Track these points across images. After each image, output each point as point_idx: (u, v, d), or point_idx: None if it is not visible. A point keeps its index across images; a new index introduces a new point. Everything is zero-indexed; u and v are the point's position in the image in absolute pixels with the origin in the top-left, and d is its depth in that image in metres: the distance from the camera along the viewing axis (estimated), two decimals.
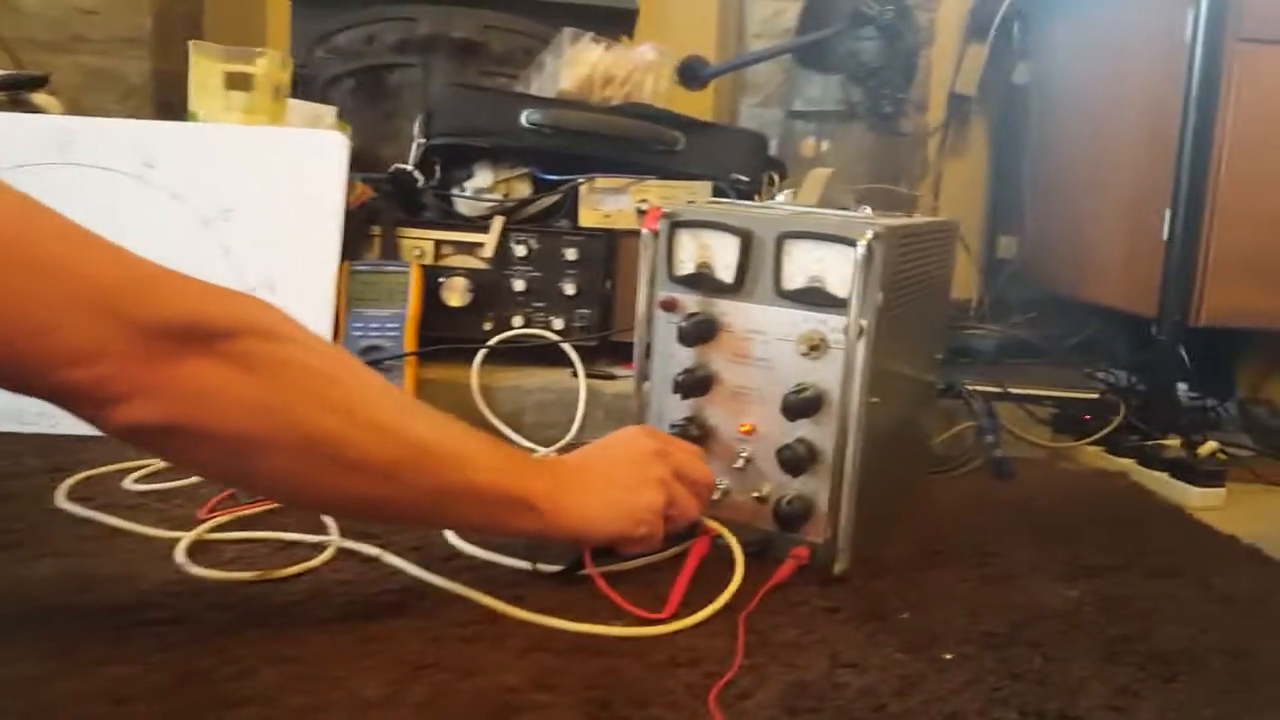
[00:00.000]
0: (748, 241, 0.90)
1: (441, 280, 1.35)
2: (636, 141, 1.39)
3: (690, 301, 0.94)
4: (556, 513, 0.79)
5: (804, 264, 0.88)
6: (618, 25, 1.57)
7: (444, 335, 1.32)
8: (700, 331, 0.92)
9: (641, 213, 1.32)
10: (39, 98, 1.43)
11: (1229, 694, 0.74)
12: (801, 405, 0.87)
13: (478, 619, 0.77)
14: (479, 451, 0.77)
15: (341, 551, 0.88)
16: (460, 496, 0.75)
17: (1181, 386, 1.50)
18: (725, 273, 0.91)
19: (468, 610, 0.79)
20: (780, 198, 0.92)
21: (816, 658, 0.75)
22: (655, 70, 1.44)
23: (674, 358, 0.95)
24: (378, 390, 0.75)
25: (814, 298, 0.87)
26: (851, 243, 0.84)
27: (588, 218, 1.39)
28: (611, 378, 1.31)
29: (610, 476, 0.84)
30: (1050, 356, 1.54)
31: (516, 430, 1.28)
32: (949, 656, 0.77)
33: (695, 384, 0.92)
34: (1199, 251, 1.34)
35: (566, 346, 1.32)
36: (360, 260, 1.32)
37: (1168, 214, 1.35)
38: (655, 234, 0.92)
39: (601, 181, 1.38)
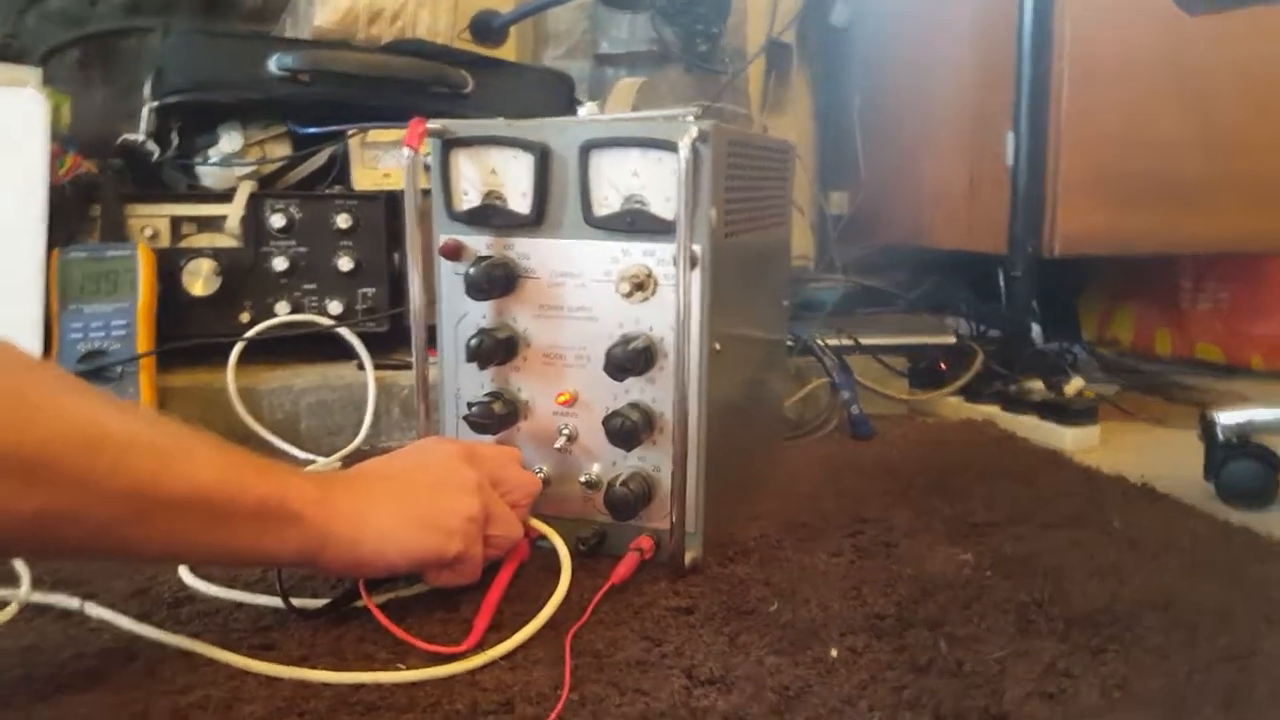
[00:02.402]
0: (545, 159, 0.70)
1: (183, 265, 1.09)
2: (415, 84, 1.17)
3: (479, 243, 0.74)
4: (331, 526, 0.58)
5: (618, 181, 0.69)
6: None
7: (190, 331, 1.07)
8: (495, 280, 0.72)
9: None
10: None
11: (1170, 658, 0.60)
12: (629, 360, 0.69)
13: (208, 680, 0.56)
14: (207, 449, 0.55)
15: (30, 608, 0.64)
16: (181, 505, 0.52)
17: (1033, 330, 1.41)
18: (520, 202, 0.72)
19: (194, 670, 0.57)
20: (583, 111, 0.74)
21: (669, 677, 0.57)
22: (433, 4, 1.23)
23: (465, 317, 0.74)
24: (63, 382, 0.52)
25: (634, 223, 0.69)
26: (672, 147, 0.66)
27: (364, 178, 1.16)
28: (406, 366, 1.08)
29: (408, 482, 0.64)
30: (899, 304, 1.42)
31: (292, 441, 1.04)
32: (835, 654, 0.60)
33: (495, 348, 0.72)
34: (1047, 173, 1.23)
35: (345, 333, 1.08)
36: (75, 245, 1.06)
37: (1010, 138, 1.24)
38: (420, 156, 0.71)
39: (376, 134, 1.15)
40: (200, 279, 1.10)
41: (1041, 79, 1.21)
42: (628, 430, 0.70)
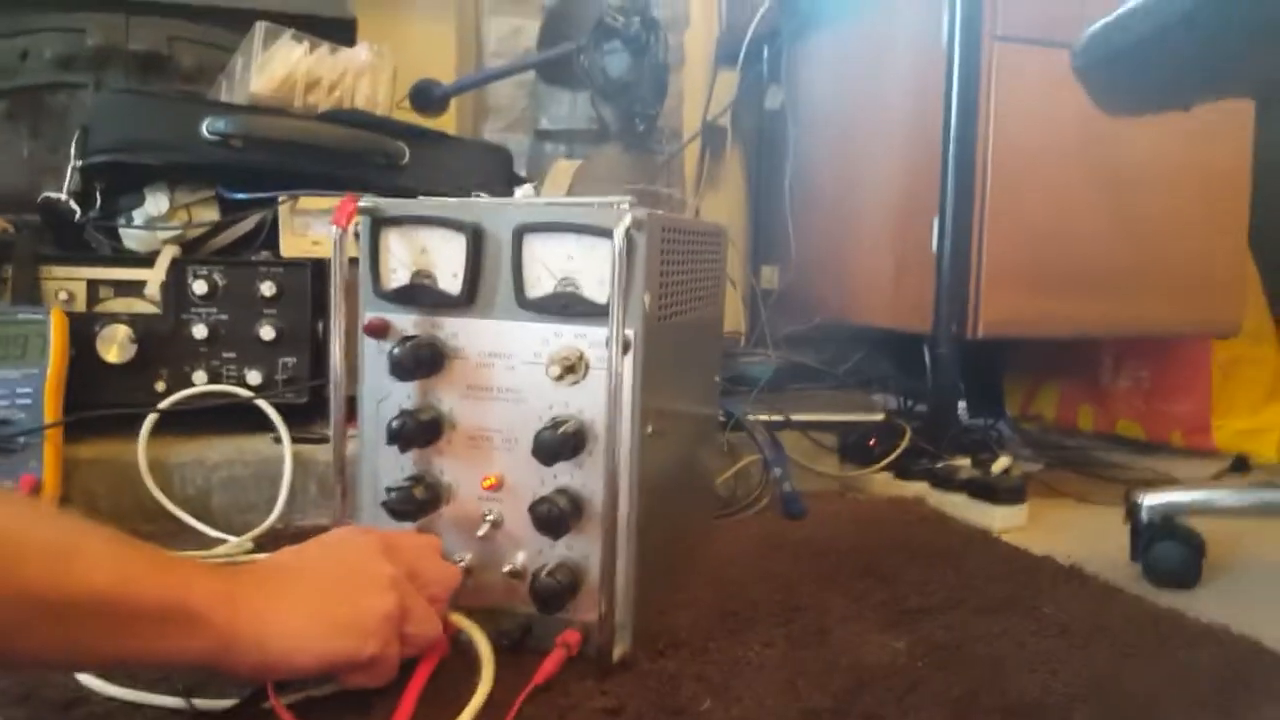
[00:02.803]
0: (478, 239, 0.69)
1: (97, 330, 1.05)
2: (350, 155, 1.15)
3: (405, 322, 0.72)
4: (237, 627, 0.54)
5: (551, 264, 0.68)
6: (333, 38, 1.33)
7: (102, 400, 1.03)
8: (421, 360, 0.70)
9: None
10: None
11: None
12: (559, 444, 0.67)
13: None
14: (103, 546, 0.51)
15: None
16: (76, 610, 0.48)
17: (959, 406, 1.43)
18: (450, 282, 0.70)
19: None
20: (520, 192, 0.73)
21: None
22: (372, 74, 1.22)
23: (388, 398, 0.72)
24: None
25: (566, 306, 0.68)
26: (607, 233, 0.65)
27: (293, 246, 1.14)
28: (325, 440, 1.05)
29: (322, 578, 0.60)
30: (830, 380, 1.42)
31: (201, 518, 1.00)
32: None
33: (418, 430, 0.70)
34: (971, 260, 1.26)
35: (264, 405, 1.04)
36: None
37: (936, 224, 1.27)
38: (347, 233, 0.69)
39: (307, 201, 1.13)
40: (115, 345, 1.05)
41: (966, 169, 1.25)
42: (555, 518, 0.67)
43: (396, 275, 0.71)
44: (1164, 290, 1.36)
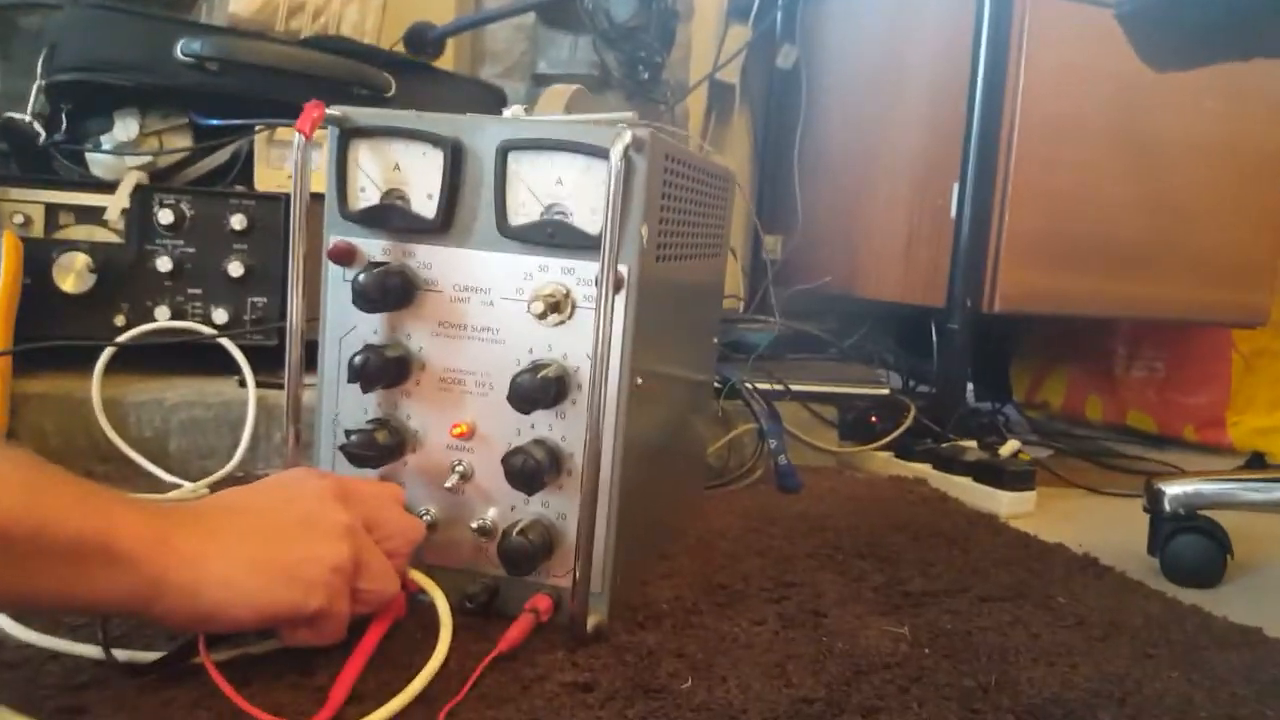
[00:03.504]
0: (457, 156, 0.62)
1: (54, 257, 0.98)
2: (332, 83, 1.08)
3: (374, 248, 0.65)
4: (167, 571, 0.47)
5: (538, 188, 0.61)
6: None
7: (55, 333, 0.95)
8: (389, 290, 0.63)
9: None
10: None
11: None
12: (538, 390, 0.60)
13: None
14: (9, 468, 0.45)
15: None
16: None
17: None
18: (425, 204, 0.63)
19: None
20: (508, 113, 0.66)
21: None
22: (361, 2, 1.14)
23: (352, 331, 0.65)
24: None
25: (553, 235, 0.61)
26: (603, 153, 0.58)
27: (267, 179, 1.06)
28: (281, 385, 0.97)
29: (266, 522, 0.53)
30: (833, 351, 1.35)
31: (158, 461, 0.93)
32: None
33: (383, 368, 0.63)
34: (991, 231, 1.19)
35: (228, 344, 0.97)
36: None
37: (955, 190, 1.20)
38: (312, 144, 0.62)
39: (285, 132, 1.06)
40: (72, 274, 0.98)
41: (991, 133, 1.17)
42: (530, 471, 0.61)
43: (365, 194, 0.64)
44: (1190, 272, 1.29)
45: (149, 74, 1.05)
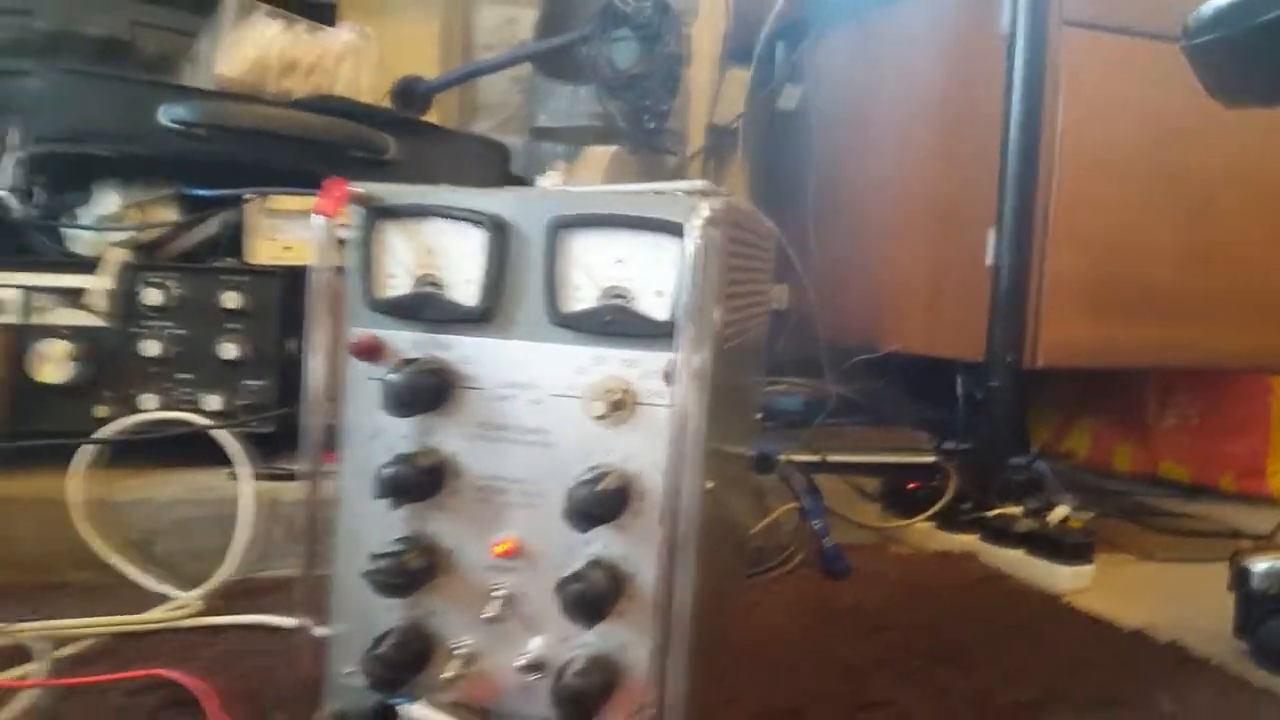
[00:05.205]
0: (501, 236, 0.54)
1: (32, 345, 0.89)
2: (329, 148, 1.00)
3: (404, 340, 0.56)
4: None
5: (595, 269, 0.53)
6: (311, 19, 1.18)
7: (32, 428, 0.86)
8: (423, 391, 0.54)
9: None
10: None
11: None
12: (599, 503, 0.52)
13: None
14: None
15: None
16: None
17: None
18: (463, 291, 0.55)
19: None
20: (547, 182, 0.58)
21: None
22: (355, 57, 1.07)
23: (379, 437, 0.57)
24: None
25: (611, 324, 0.53)
26: (674, 229, 0.51)
27: (262, 250, 0.98)
28: (290, 477, 0.89)
29: None
30: (874, 415, 1.28)
31: (146, 566, 0.84)
32: None
33: (416, 480, 0.55)
34: (1031, 279, 1.12)
35: (221, 435, 0.88)
36: None
37: (992, 236, 1.13)
38: (336, 224, 0.54)
39: (277, 201, 0.97)
40: (50, 364, 0.89)
41: (1029, 175, 1.10)
42: (594, 600, 0.52)
43: (395, 281, 0.56)
44: (1239, 319, 1.22)
45: (133, 142, 0.97)
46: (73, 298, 0.93)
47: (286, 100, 1.04)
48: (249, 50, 1.01)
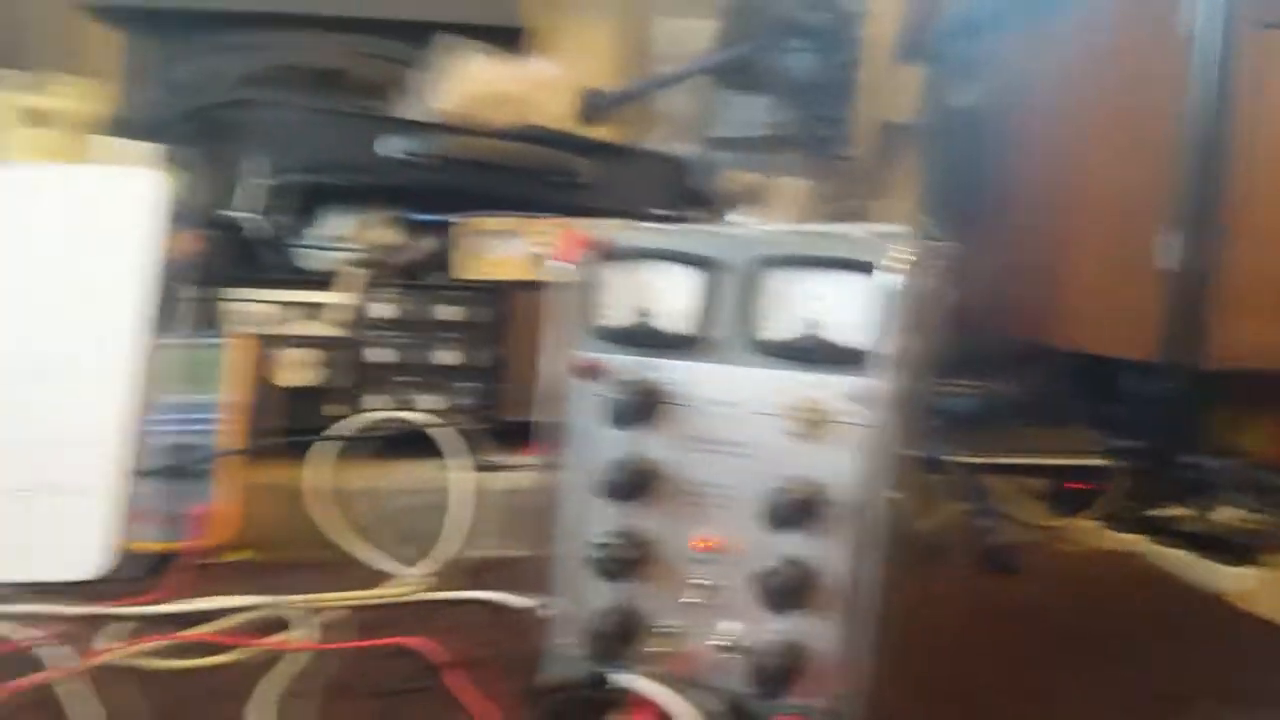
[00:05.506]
0: (714, 274, 0.62)
1: (280, 353, 1.03)
2: (532, 173, 1.11)
3: (620, 364, 0.65)
4: None
5: (795, 303, 0.61)
6: (502, 46, 1.30)
7: (279, 425, 1.00)
8: (639, 409, 0.63)
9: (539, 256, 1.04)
10: None
11: None
12: (792, 510, 0.59)
13: None
14: None
15: None
16: None
17: None
18: (675, 321, 0.64)
19: None
20: (744, 218, 0.66)
21: None
22: (555, 89, 1.17)
23: (597, 445, 0.66)
24: None
25: (807, 351, 0.60)
26: (867, 268, 0.58)
27: (469, 268, 1.10)
28: (493, 468, 1.00)
29: None
30: (1047, 417, 1.30)
31: (378, 544, 0.96)
32: None
33: (632, 482, 0.64)
34: (1210, 278, 1.11)
35: (446, 431, 1.00)
36: (169, 331, 1.00)
37: (1169, 235, 1.13)
38: (573, 267, 0.64)
39: (486, 222, 1.09)
40: (298, 369, 1.03)
41: (1213, 170, 1.10)
42: (788, 591, 0.60)
43: (616, 314, 0.65)
44: None
45: (365, 172, 1.10)
46: (310, 310, 1.07)
47: (495, 130, 1.15)
48: (468, 86, 1.13)
